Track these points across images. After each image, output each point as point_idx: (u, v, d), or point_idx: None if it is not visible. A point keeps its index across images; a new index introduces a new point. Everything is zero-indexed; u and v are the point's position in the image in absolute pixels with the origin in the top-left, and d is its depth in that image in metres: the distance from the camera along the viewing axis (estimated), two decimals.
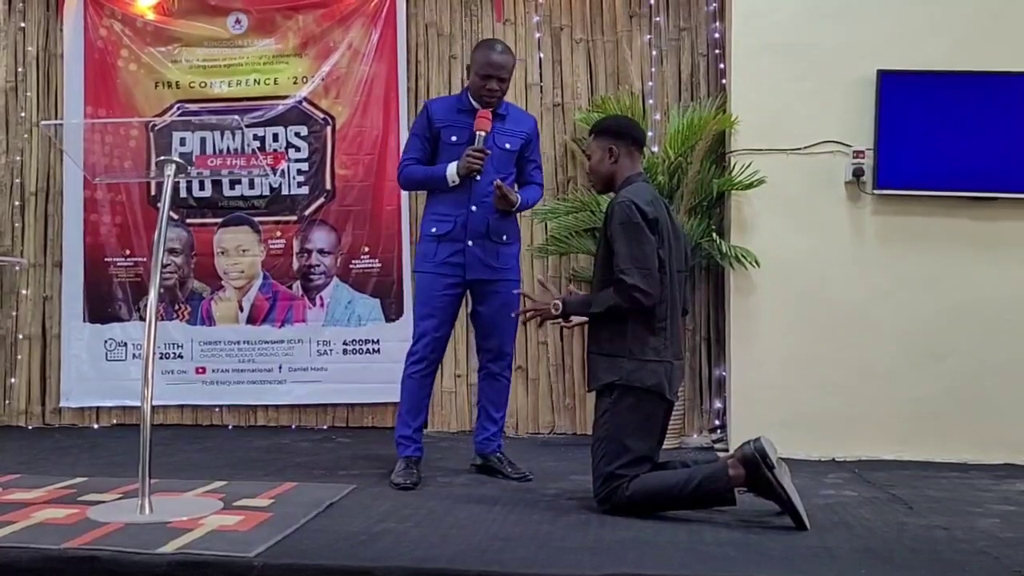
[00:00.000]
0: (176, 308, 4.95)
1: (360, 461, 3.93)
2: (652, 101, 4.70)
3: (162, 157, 3.17)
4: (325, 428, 4.88)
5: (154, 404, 3.10)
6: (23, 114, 5.10)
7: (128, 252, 4.98)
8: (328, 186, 4.87)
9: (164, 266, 4.40)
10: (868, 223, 4.26)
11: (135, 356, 4.91)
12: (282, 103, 4.88)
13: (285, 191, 4.89)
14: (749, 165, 4.25)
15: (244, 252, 4.93)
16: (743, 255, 4.21)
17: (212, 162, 4.91)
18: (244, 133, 4.80)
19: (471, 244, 3.53)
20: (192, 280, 4.96)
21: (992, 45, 4.16)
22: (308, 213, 4.88)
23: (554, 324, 3.30)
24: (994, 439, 4.14)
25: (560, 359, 4.76)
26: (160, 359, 4.82)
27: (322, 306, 4.87)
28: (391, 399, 4.08)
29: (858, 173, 4.20)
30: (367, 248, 4.84)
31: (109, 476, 3.48)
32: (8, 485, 3.32)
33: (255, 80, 4.92)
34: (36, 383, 5.05)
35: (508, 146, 3.61)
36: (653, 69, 4.74)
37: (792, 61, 4.27)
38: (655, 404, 2.98)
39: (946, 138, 4.12)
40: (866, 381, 4.20)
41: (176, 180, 3.11)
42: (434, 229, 3.57)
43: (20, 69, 5.11)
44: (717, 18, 4.68)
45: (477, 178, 3.48)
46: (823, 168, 4.26)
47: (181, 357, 4.92)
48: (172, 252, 4.93)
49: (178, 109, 4.94)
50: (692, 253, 3.96)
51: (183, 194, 4.92)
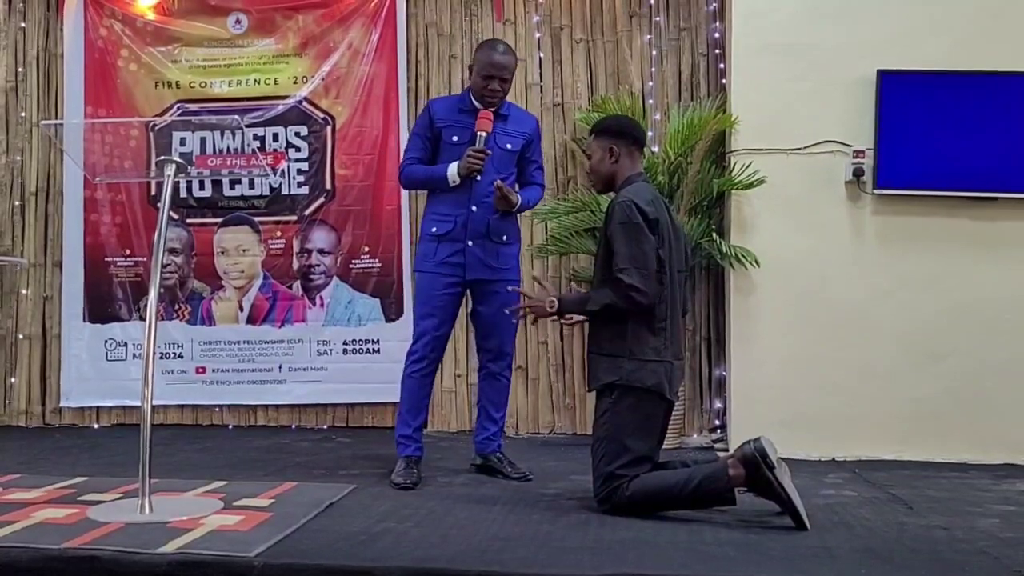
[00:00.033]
0: (176, 308, 4.94)
1: (360, 461, 3.93)
2: (652, 101, 4.70)
3: (162, 157, 3.17)
4: (325, 428, 4.88)
5: (154, 404, 3.09)
6: (23, 114, 5.10)
7: (128, 252, 4.97)
8: (328, 186, 4.87)
9: (164, 266, 4.40)
10: (868, 223, 4.26)
11: (135, 356, 4.91)
12: (282, 103, 4.88)
13: (285, 191, 4.89)
14: (749, 165, 4.25)
15: (244, 252, 4.93)
16: (743, 255, 4.20)
17: (212, 162, 4.90)
18: (244, 133, 4.80)
19: (471, 244, 3.53)
20: (192, 280, 4.96)
21: (992, 45, 4.16)
22: (308, 213, 4.88)
23: (553, 321, 3.29)
24: (994, 439, 4.14)
25: (560, 359, 4.75)
26: (160, 359, 4.81)
27: (322, 306, 4.87)
28: (391, 399, 4.08)
29: (858, 173, 4.20)
30: (367, 248, 4.84)
31: (109, 476, 3.48)
32: (8, 485, 3.32)
33: (255, 80, 4.92)
34: (36, 383, 5.05)
35: (509, 146, 3.61)
36: (653, 69, 4.74)
37: (792, 61, 4.27)
38: (655, 404, 2.98)
39: (946, 138, 4.13)
40: (866, 381, 4.20)
41: (176, 180, 3.11)
42: (434, 229, 3.57)
43: (20, 69, 5.11)
44: (717, 18, 4.68)
45: (477, 178, 3.48)
46: (823, 168, 4.26)
47: (181, 357, 4.92)
48: (172, 252, 4.93)
49: (178, 109, 4.94)
50: (692, 253, 3.96)
51: (183, 194, 4.91)
